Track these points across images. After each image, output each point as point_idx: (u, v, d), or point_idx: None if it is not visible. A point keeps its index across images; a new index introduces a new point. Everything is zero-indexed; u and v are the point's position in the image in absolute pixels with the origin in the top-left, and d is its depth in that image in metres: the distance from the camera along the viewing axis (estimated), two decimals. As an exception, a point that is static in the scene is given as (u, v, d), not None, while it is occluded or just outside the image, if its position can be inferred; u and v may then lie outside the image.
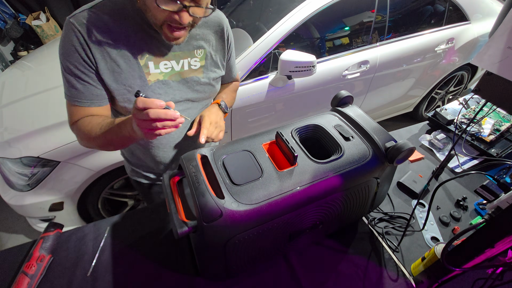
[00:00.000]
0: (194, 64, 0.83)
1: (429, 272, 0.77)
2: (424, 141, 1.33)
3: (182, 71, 0.82)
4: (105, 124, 0.72)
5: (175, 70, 0.81)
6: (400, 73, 2.21)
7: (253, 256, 0.74)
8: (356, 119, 0.81)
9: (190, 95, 0.87)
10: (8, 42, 3.47)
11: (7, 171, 1.43)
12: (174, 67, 0.80)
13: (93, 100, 0.75)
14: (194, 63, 0.83)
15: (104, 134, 0.72)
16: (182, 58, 0.81)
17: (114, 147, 0.77)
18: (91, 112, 0.77)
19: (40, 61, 2.00)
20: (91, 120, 0.75)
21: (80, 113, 0.76)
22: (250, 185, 0.64)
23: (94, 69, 0.72)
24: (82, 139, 0.78)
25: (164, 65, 0.78)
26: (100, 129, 0.72)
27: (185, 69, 0.82)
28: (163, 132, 0.60)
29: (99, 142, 0.74)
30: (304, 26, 1.74)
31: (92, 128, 0.73)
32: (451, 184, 1.12)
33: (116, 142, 0.73)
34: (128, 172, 1.10)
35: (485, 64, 0.48)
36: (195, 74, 0.85)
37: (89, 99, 0.75)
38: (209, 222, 0.58)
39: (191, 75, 0.84)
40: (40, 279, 0.78)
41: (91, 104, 0.75)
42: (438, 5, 2.21)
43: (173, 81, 0.82)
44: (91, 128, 0.74)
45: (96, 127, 0.73)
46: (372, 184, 0.77)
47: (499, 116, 1.35)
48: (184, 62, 0.81)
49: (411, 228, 0.97)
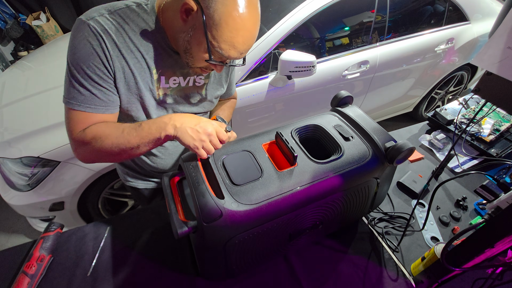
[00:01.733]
0: (198, 82, 0.85)
1: (429, 272, 0.77)
2: (424, 141, 1.33)
3: (187, 87, 0.83)
4: (126, 127, 0.69)
5: (181, 86, 0.82)
6: (400, 73, 2.21)
7: (253, 256, 0.74)
8: (356, 119, 0.81)
9: (192, 109, 0.88)
10: (8, 42, 3.47)
11: (8, 171, 1.43)
12: (181, 83, 0.81)
13: (108, 106, 0.72)
14: (199, 81, 0.85)
15: (128, 138, 0.68)
16: (189, 76, 0.82)
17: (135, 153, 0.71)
18: (103, 118, 0.72)
19: (40, 61, 2.00)
20: (108, 125, 0.71)
21: (91, 120, 0.70)
22: (250, 185, 0.64)
23: (112, 76, 0.69)
24: (92, 149, 0.70)
25: (173, 81, 0.80)
26: (121, 133, 0.68)
27: (189, 85, 0.83)
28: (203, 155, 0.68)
29: (118, 149, 0.69)
30: (304, 26, 1.74)
31: (111, 133, 0.69)
32: (451, 184, 1.13)
33: (142, 145, 0.69)
34: (121, 178, 1.08)
35: (485, 64, 0.48)
36: (197, 90, 0.86)
37: (105, 105, 0.71)
38: (209, 222, 0.59)
39: (194, 91, 0.85)
40: (40, 279, 0.78)
41: (105, 111, 0.71)
42: (438, 5, 2.20)
43: (178, 96, 0.83)
44: (109, 133, 0.68)
45: (116, 132, 0.69)
46: (372, 184, 0.77)
47: (499, 116, 1.35)
48: (190, 79, 0.82)
49: (411, 228, 0.97)
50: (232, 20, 0.61)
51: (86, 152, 0.72)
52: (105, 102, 0.71)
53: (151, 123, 0.69)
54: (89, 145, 0.69)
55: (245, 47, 0.67)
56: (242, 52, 0.68)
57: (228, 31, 0.62)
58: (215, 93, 0.91)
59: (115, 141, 0.68)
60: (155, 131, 0.68)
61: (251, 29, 0.65)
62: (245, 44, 0.67)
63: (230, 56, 0.67)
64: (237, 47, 0.66)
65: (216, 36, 0.63)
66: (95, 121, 0.71)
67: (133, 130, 0.68)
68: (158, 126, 0.68)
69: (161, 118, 0.70)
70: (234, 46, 0.65)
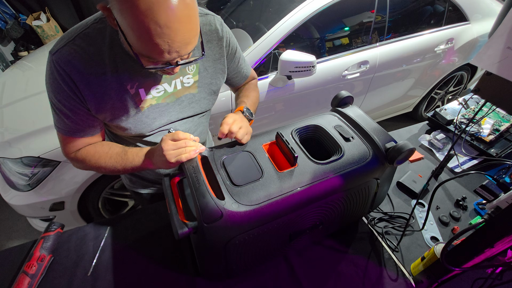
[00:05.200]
0: (187, 82, 0.80)
1: (428, 271, 0.77)
2: (423, 141, 1.33)
3: (176, 91, 0.79)
4: (114, 154, 0.76)
5: (168, 92, 0.78)
6: (400, 73, 2.22)
7: (253, 257, 0.74)
8: (356, 119, 0.82)
9: (186, 113, 0.84)
10: (8, 42, 3.48)
11: (8, 171, 1.43)
12: (167, 89, 0.77)
13: (89, 131, 0.75)
14: (187, 81, 0.79)
15: (114, 164, 0.76)
16: (173, 79, 0.77)
17: (122, 173, 0.81)
18: (90, 140, 0.77)
19: (41, 61, 2.00)
20: (97, 150, 0.76)
21: (79, 142, 0.75)
22: (250, 186, 0.64)
23: (84, 105, 0.69)
24: (85, 168, 0.78)
25: (156, 90, 0.75)
26: (109, 159, 0.76)
27: (178, 88, 0.79)
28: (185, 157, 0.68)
29: (107, 170, 0.77)
30: (304, 26, 1.74)
31: (100, 157, 0.76)
32: (451, 184, 1.13)
33: (127, 170, 0.77)
34: (124, 183, 1.08)
35: (485, 64, 0.48)
36: (189, 91, 0.81)
37: (86, 131, 0.74)
38: (210, 223, 0.59)
39: (185, 93, 0.81)
40: (40, 279, 0.78)
41: (85, 135, 0.75)
42: (437, 5, 2.21)
43: (168, 102, 0.79)
44: (98, 157, 0.76)
45: (104, 157, 0.76)
46: (372, 184, 0.77)
47: (499, 116, 1.35)
48: (176, 82, 0.78)
49: (411, 228, 0.97)
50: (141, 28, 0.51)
51: (82, 167, 0.80)
52: (85, 128, 0.74)
53: (134, 155, 0.75)
54: (83, 163, 0.78)
55: (178, 45, 0.56)
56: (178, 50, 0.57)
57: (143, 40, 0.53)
58: (211, 88, 0.85)
59: (103, 164, 0.76)
60: (137, 162, 0.75)
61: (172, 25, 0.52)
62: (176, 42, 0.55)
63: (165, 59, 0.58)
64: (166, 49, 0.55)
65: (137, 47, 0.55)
66: (84, 143, 0.77)
67: (119, 158, 0.75)
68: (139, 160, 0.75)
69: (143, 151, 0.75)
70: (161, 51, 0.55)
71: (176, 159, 0.67)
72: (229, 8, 2.18)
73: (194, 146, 0.69)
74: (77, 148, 0.76)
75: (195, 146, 0.69)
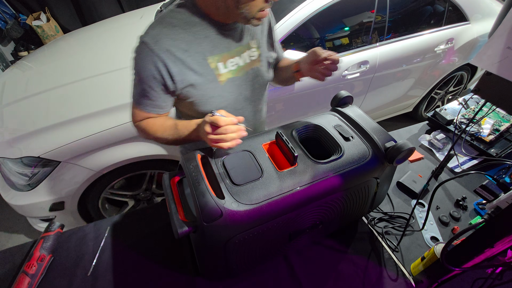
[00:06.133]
0: (252, 55, 0.86)
1: (428, 271, 0.77)
2: (423, 141, 1.33)
3: (245, 65, 0.85)
4: (167, 127, 0.82)
5: (240, 65, 0.84)
6: (400, 73, 2.21)
7: (253, 256, 0.74)
8: (356, 119, 0.82)
9: (254, 86, 0.90)
10: (8, 42, 3.48)
11: (8, 171, 1.43)
12: (239, 63, 0.84)
13: (158, 111, 0.82)
14: (253, 54, 0.86)
15: (168, 136, 0.82)
16: (242, 52, 0.84)
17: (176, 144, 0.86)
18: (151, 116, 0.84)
19: (41, 61, 2.00)
20: (155, 122, 0.83)
21: (145, 115, 0.83)
22: (250, 185, 0.64)
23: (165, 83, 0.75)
24: (146, 137, 0.87)
25: (231, 63, 0.82)
26: (164, 131, 0.82)
27: (247, 61, 0.86)
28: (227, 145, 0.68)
29: (163, 141, 0.85)
30: (304, 26, 1.74)
31: (157, 130, 0.83)
32: (451, 184, 1.13)
33: (179, 141, 0.83)
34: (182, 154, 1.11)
35: (485, 64, 0.48)
36: (255, 64, 0.88)
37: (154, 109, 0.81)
38: (209, 222, 0.59)
39: (252, 66, 0.87)
40: (40, 279, 0.78)
41: (156, 112, 0.82)
42: (437, 5, 2.21)
43: (240, 76, 0.85)
44: (155, 129, 0.83)
45: (160, 129, 0.83)
46: (372, 184, 0.77)
47: (499, 116, 1.35)
48: (244, 55, 0.85)
49: (411, 228, 0.97)
50: None
51: (143, 136, 0.87)
52: (155, 107, 0.81)
53: (184, 128, 0.79)
54: (143, 133, 0.85)
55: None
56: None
57: None
58: (268, 61, 0.93)
59: (159, 135, 0.83)
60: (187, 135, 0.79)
61: None
62: None
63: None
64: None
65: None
66: (149, 117, 0.84)
67: (172, 130, 0.81)
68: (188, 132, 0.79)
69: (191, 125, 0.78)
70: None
71: (216, 145, 0.69)
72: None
73: (235, 133, 0.68)
74: (142, 118, 0.84)
75: (237, 133, 0.68)
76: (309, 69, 0.85)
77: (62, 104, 1.55)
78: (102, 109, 1.47)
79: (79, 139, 1.40)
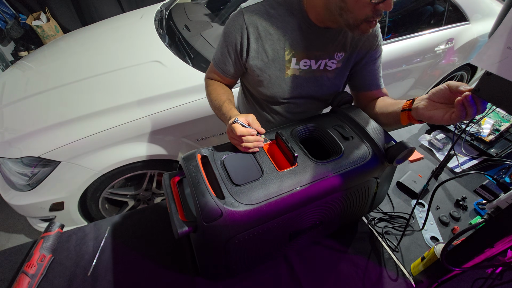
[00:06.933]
0: (330, 66, 0.86)
1: (428, 271, 0.77)
2: (423, 141, 1.33)
3: (317, 70, 0.86)
4: (217, 99, 0.89)
5: (312, 68, 0.86)
6: (400, 73, 2.21)
7: (253, 256, 0.74)
8: (356, 119, 0.82)
9: (315, 92, 0.91)
10: (8, 42, 3.47)
11: (8, 171, 1.43)
12: (312, 66, 0.85)
13: (225, 72, 0.91)
14: (331, 65, 0.86)
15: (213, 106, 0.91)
16: (321, 59, 0.84)
17: None
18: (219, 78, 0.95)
19: (41, 61, 2.00)
20: (214, 87, 0.93)
21: (215, 72, 0.93)
22: (250, 185, 0.64)
23: (244, 56, 0.84)
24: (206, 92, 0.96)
25: (304, 63, 0.84)
26: (214, 100, 0.90)
27: (320, 68, 0.86)
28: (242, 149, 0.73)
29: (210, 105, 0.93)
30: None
31: (211, 95, 0.92)
32: (451, 184, 1.13)
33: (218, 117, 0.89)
34: None
35: (485, 64, 0.48)
36: (327, 74, 0.88)
37: (223, 70, 0.91)
38: (209, 222, 0.59)
39: (323, 74, 0.88)
40: (40, 279, 0.78)
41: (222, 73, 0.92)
42: (437, 5, 2.20)
43: (306, 77, 0.87)
44: (211, 92, 0.93)
45: (214, 95, 0.91)
46: (371, 184, 0.77)
47: (499, 116, 1.35)
48: (322, 62, 0.85)
49: (411, 228, 0.97)
50: None
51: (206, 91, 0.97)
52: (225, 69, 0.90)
53: (224, 111, 0.84)
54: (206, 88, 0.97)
55: None
56: None
57: None
58: (344, 79, 0.92)
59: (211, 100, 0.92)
60: (223, 118, 0.84)
61: None
62: None
63: None
64: None
65: None
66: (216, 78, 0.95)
67: (218, 104, 0.87)
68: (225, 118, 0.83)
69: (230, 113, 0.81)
70: None
71: (237, 146, 0.73)
72: (229, 8, 2.18)
73: (251, 143, 0.71)
74: (211, 75, 0.96)
75: (253, 144, 0.71)
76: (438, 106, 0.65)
77: (62, 104, 1.55)
78: (102, 109, 1.47)
79: (79, 139, 1.40)
